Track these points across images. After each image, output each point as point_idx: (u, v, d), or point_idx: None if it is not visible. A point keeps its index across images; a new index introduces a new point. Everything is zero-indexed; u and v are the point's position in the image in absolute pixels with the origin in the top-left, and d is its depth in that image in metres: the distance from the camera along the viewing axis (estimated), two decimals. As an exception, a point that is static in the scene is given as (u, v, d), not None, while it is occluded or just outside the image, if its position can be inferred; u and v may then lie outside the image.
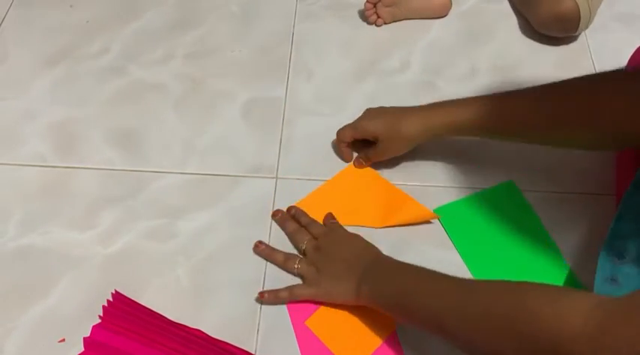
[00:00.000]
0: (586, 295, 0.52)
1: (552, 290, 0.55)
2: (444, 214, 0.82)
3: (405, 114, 0.81)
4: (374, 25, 1.04)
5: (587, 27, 0.99)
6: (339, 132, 0.85)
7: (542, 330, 0.50)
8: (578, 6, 0.95)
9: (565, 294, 0.53)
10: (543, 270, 0.77)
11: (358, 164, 0.86)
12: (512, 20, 1.06)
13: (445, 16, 1.05)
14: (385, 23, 1.04)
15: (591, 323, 0.47)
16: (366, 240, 0.76)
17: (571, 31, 0.98)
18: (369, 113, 0.84)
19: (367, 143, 0.84)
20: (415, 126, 0.79)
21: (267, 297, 0.73)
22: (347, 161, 0.87)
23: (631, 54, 0.90)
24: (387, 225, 0.81)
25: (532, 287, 0.55)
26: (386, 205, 0.83)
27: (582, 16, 0.95)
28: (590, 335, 0.47)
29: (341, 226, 0.80)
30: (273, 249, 0.78)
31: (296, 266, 0.75)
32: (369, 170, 0.86)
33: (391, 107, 0.83)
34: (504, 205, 0.82)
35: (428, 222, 0.81)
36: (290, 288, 0.74)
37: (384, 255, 0.74)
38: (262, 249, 0.78)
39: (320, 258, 0.75)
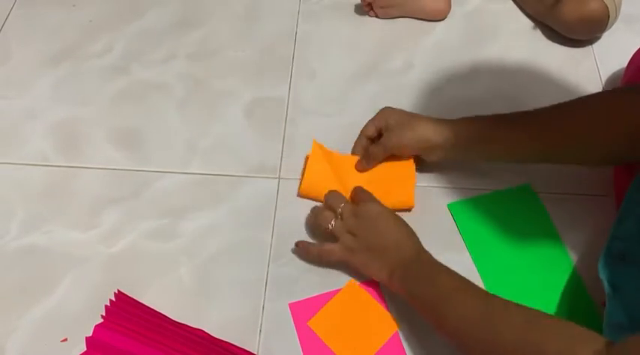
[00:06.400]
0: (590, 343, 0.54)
1: (568, 337, 0.56)
2: (457, 210, 0.82)
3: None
4: (377, 25, 1.04)
5: (612, 26, 0.97)
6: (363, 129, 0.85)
7: None
8: (606, 6, 0.93)
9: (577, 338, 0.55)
10: (549, 274, 0.77)
11: (365, 156, 0.83)
12: (516, 21, 1.06)
13: (444, 19, 1.05)
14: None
15: None
16: (408, 226, 0.73)
17: (599, 32, 0.97)
18: (388, 108, 0.84)
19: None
20: (429, 125, 0.79)
21: (299, 248, 0.75)
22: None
23: (632, 55, 0.90)
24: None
25: (551, 329, 0.57)
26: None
27: (610, 15, 0.94)
28: None
29: (379, 202, 0.76)
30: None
31: (331, 224, 0.73)
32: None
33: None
34: (518, 206, 0.82)
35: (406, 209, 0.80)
36: (321, 246, 0.74)
37: (424, 251, 0.71)
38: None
39: (359, 225, 0.72)
